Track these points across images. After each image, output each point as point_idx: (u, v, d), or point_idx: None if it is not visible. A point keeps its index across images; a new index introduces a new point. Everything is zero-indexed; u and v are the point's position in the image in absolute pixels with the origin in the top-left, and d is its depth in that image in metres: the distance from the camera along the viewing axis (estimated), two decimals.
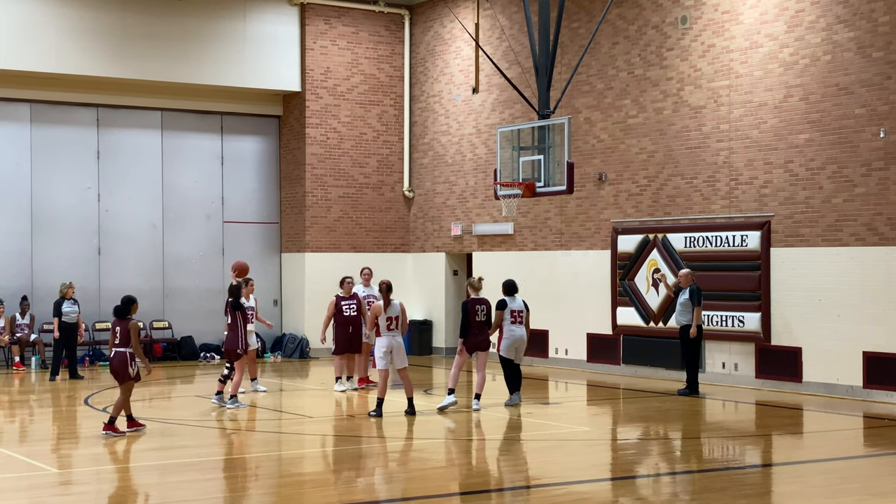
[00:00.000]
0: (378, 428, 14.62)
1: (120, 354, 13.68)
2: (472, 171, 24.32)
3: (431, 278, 25.39)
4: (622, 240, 20.86)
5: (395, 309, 15.39)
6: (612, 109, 21.18)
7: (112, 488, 11.30)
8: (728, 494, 10.48)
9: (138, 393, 18.47)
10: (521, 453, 13.17)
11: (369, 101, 25.58)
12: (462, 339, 16.14)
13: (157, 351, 23.86)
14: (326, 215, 25.14)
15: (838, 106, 17.47)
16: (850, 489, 10.80)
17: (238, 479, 11.75)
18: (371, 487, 11.44)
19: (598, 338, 21.43)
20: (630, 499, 10.76)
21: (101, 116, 23.96)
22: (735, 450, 13.55)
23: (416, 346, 24.81)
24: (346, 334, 18.08)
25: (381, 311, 15.29)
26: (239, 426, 15.17)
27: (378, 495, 11.04)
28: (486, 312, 16.20)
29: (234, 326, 16.33)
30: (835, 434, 14.52)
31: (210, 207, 25.08)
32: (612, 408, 17.43)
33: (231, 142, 25.36)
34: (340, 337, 18.10)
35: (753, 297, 18.58)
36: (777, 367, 18.33)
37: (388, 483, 11.71)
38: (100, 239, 23.89)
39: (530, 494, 10.61)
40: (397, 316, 15.40)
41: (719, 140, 19.23)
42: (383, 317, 15.28)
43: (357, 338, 18.17)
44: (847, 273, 17.34)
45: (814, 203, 17.82)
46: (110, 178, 24.00)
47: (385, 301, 15.35)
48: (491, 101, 23.81)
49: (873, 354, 16.98)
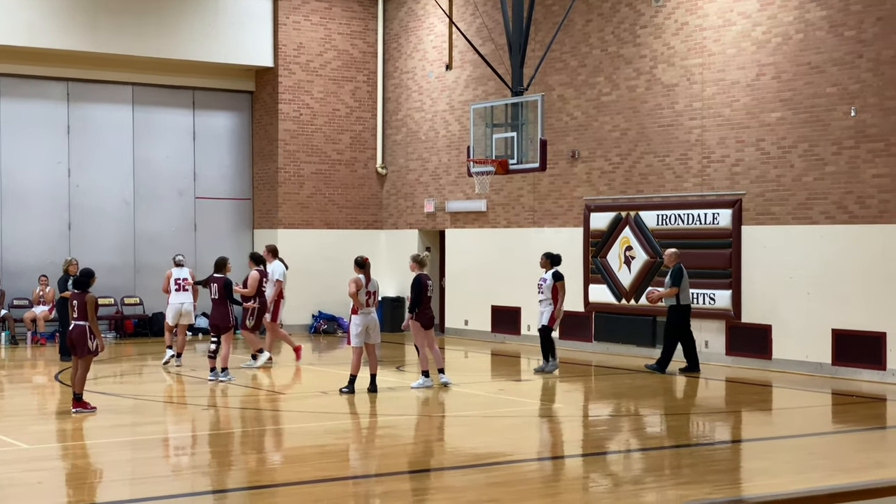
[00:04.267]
0: (350, 404, 14.63)
1: (79, 328, 13.57)
2: (445, 147, 24.29)
3: (404, 255, 25.30)
4: (595, 217, 20.91)
5: (375, 284, 15.41)
6: (585, 87, 21.19)
7: (84, 463, 11.27)
8: (698, 470, 10.57)
9: (110, 369, 18.44)
10: (492, 429, 13.22)
11: (342, 77, 25.48)
12: (411, 314, 16.02)
13: (129, 327, 23.76)
14: (299, 191, 25.06)
15: (810, 84, 17.54)
16: (819, 465, 10.90)
17: (210, 455, 11.74)
18: (344, 464, 11.46)
19: (570, 315, 21.46)
20: (601, 474, 10.83)
21: (72, 91, 23.76)
22: (705, 426, 13.65)
23: (389, 323, 24.80)
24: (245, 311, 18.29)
25: (363, 284, 15.27)
26: (212, 403, 15.15)
27: (351, 472, 11.06)
28: (431, 287, 16.13)
29: (221, 301, 16.37)
30: (804, 410, 14.64)
31: (182, 183, 24.95)
32: (584, 384, 17.51)
33: (203, 117, 25.20)
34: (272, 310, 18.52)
35: (724, 275, 18.68)
36: (747, 344, 18.45)
37: (360, 459, 11.74)
38: (70, 214, 23.73)
39: (502, 470, 10.66)
40: (375, 291, 15.40)
41: (692, 118, 19.28)
42: (362, 291, 15.27)
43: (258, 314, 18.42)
44: (817, 251, 17.45)
45: (785, 181, 17.91)
46: (81, 153, 23.82)
47: (366, 276, 15.33)
48: (464, 78, 23.76)
49: (842, 332, 17.12)
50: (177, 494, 9.81)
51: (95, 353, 13.66)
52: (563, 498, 9.38)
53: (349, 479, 10.57)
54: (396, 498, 9.60)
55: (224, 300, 16.43)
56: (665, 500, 9.26)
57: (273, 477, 10.59)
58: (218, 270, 16.67)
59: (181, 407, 15.12)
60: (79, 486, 10.22)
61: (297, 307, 24.73)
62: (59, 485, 10.17)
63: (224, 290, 16.46)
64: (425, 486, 10.19)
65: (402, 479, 10.56)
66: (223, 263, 16.77)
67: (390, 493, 9.81)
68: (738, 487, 10.16)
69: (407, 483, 10.39)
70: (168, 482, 10.34)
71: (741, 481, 10.53)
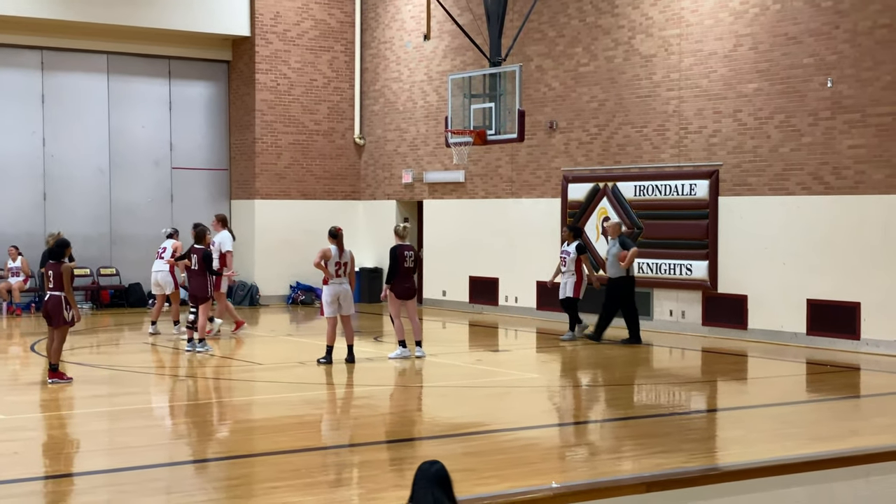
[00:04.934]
0: (327, 375, 14.64)
1: (55, 298, 13.50)
2: (423, 118, 24.22)
3: (382, 226, 25.33)
4: (572, 188, 20.92)
5: (347, 255, 15.39)
6: (563, 57, 21.15)
7: (60, 434, 11.26)
8: (673, 439, 10.64)
9: (87, 339, 18.38)
10: (469, 400, 13.26)
11: (320, 46, 25.35)
12: (388, 284, 16.03)
13: (105, 298, 23.68)
14: (276, 162, 24.97)
15: (787, 55, 17.57)
16: (793, 434, 10.99)
17: (187, 426, 11.74)
18: (320, 434, 11.49)
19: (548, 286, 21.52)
20: (577, 444, 10.89)
21: (46, 59, 23.54)
22: (681, 395, 13.74)
23: (367, 293, 24.81)
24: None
25: (333, 255, 15.24)
26: (189, 373, 15.13)
27: (327, 441, 11.09)
28: (413, 258, 16.11)
29: (200, 272, 16.30)
30: (779, 380, 14.75)
31: (158, 153, 24.80)
32: (561, 355, 17.57)
33: (179, 87, 25.03)
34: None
35: (701, 246, 18.75)
36: (723, 315, 18.55)
37: (336, 430, 11.76)
38: (45, 185, 23.57)
39: (479, 440, 10.71)
40: (347, 262, 15.37)
41: (669, 89, 19.29)
42: (332, 261, 15.24)
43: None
44: (793, 222, 17.53)
45: (761, 152, 17.96)
46: (56, 122, 23.63)
47: (339, 247, 15.30)
48: (442, 49, 23.68)
49: (817, 302, 17.23)
50: (154, 464, 9.82)
51: (71, 323, 13.60)
52: (539, 467, 9.43)
53: (327, 448, 10.59)
54: (374, 467, 9.64)
55: (203, 271, 16.38)
56: (641, 468, 9.33)
57: (251, 447, 10.60)
58: (198, 241, 16.58)
59: (158, 377, 15.10)
60: (55, 457, 10.22)
61: (275, 278, 24.72)
62: (36, 455, 10.15)
63: (203, 261, 16.39)
64: (402, 455, 10.22)
65: (380, 448, 10.59)
66: (203, 234, 16.68)
67: (368, 463, 9.84)
68: (714, 456, 10.25)
69: (384, 453, 10.43)
70: (145, 452, 10.34)
71: (716, 450, 10.62)
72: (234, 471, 9.61)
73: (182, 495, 8.63)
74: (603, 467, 9.54)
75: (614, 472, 9.33)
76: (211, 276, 16.55)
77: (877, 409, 12.95)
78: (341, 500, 8.52)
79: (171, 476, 9.44)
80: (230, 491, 8.82)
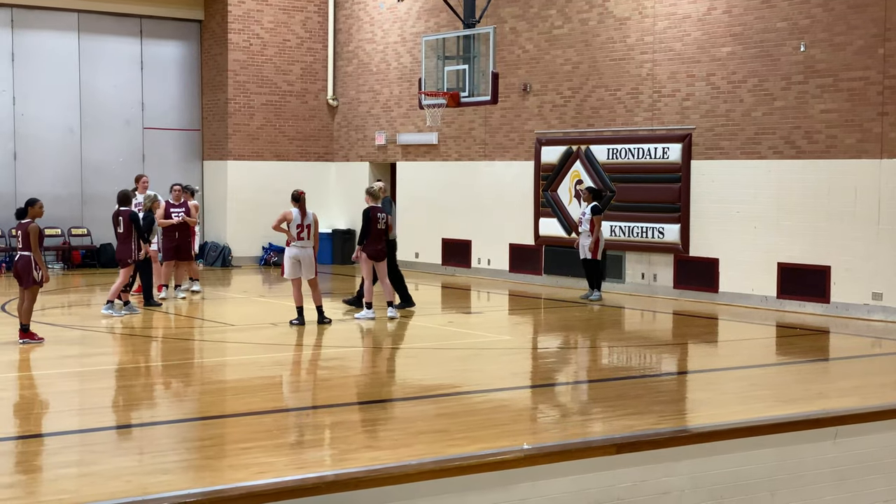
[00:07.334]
0: (299, 336, 14.65)
1: (24, 258, 13.40)
2: (396, 80, 24.12)
3: (355, 188, 25.25)
4: (545, 151, 20.92)
5: (310, 217, 15.34)
6: (537, 20, 21.08)
7: (31, 394, 11.22)
8: (643, 401, 10.72)
9: (58, 300, 18.30)
10: (441, 361, 13.31)
11: (293, 6, 25.15)
12: (360, 246, 16.01)
13: (76, 258, 23.55)
14: (249, 123, 24.82)
15: (760, 19, 17.57)
16: (762, 396, 11.09)
17: (159, 387, 11.74)
18: (294, 395, 11.50)
19: (520, 248, 21.58)
20: (548, 405, 10.96)
21: (16, 17, 23.25)
22: (651, 358, 13.83)
23: (339, 255, 24.79)
24: (172, 241, 18.15)
25: (291, 217, 15.20)
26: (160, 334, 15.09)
27: (298, 402, 11.11)
28: (385, 220, 16.08)
29: (126, 235, 15.99)
30: (748, 343, 14.87)
31: (129, 113, 24.60)
32: (533, 317, 17.64)
33: (151, 46, 24.81)
34: (168, 244, 18.19)
35: (673, 209, 18.81)
36: (694, 278, 18.66)
37: (310, 390, 11.78)
38: (15, 144, 23.36)
39: (450, 401, 10.75)
40: (309, 224, 15.32)
41: (643, 52, 19.27)
42: (294, 224, 15.20)
43: (185, 245, 18.29)
44: (764, 186, 17.61)
45: (734, 116, 18.00)
46: (25, 81, 23.38)
47: (301, 210, 15.26)
48: (416, 10, 23.55)
49: (787, 265, 17.35)
50: (125, 425, 9.81)
51: (40, 283, 13.52)
52: (510, 428, 9.48)
53: (299, 409, 10.61)
54: (346, 428, 9.66)
55: (129, 234, 16.04)
56: (611, 430, 9.40)
57: (223, 408, 10.61)
58: (123, 204, 16.22)
59: (129, 338, 15.06)
60: (26, 417, 10.19)
61: (247, 239, 24.65)
62: (7, 415, 10.12)
63: (130, 223, 16.04)
64: (375, 416, 10.26)
65: (352, 409, 10.62)
66: (128, 197, 16.38)
67: (340, 424, 9.86)
68: (683, 418, 10.34)
69: (356, 414, 10.46)
70: (116, 413, 10.32)
71: (686, 412, 10.71)
72: (205, 431, 9.62)
73: (153, 455, 8.64)
74: (573, 429, 9.60)
75: (585, 433, 9.40)
76: (139, 239, 16.17)
77: (844, 372, 13.09)
78: (313, 460, 8.55)
79: (142, 436, 9.44)
80: (202, 451, 8.83)
